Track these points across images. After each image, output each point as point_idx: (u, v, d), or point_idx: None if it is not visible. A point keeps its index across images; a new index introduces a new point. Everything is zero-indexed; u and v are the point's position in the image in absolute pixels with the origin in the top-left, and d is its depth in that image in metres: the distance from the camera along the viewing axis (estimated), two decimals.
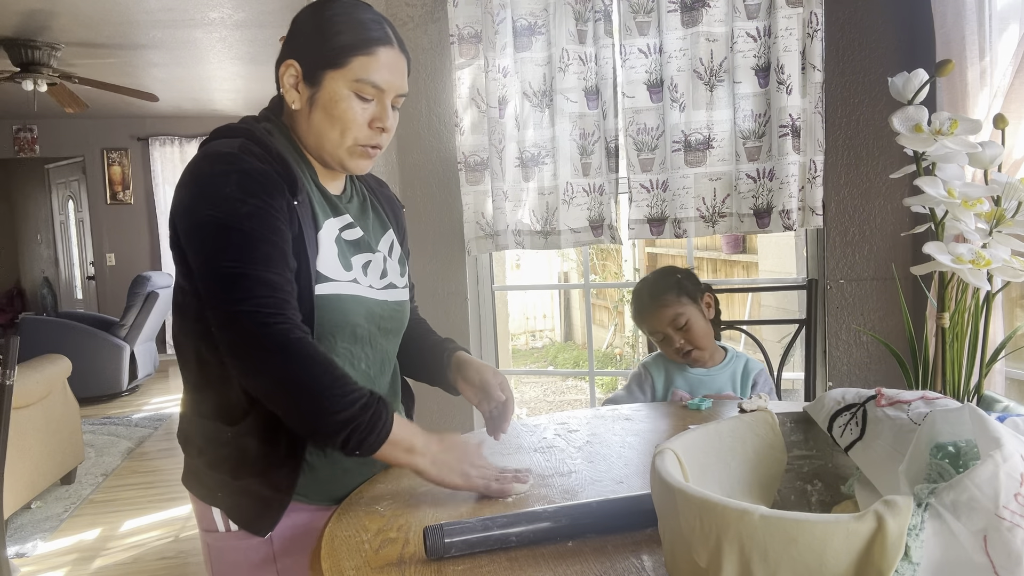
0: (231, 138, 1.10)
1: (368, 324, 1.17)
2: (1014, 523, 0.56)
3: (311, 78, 1.11)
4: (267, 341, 0.99)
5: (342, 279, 1.13)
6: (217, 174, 1.04)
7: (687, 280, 1.71)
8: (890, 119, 1.02)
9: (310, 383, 0.99)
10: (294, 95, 1.12)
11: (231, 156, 1.05)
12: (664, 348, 1.70)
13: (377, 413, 1.00)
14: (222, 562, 1.17)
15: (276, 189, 1.05)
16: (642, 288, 1.73)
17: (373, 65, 1.09)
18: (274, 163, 1.07)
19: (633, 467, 1.17)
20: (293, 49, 1.13)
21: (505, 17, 2.34)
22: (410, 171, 2.59)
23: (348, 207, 1.22)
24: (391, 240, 1.28)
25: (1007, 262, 0.97)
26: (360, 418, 0.99)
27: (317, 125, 1.12)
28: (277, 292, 1.01)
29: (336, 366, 1.02)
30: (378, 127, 1.12)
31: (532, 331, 8.90)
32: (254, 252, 1.01)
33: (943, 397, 0.83)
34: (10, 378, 1.96)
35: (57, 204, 8.27)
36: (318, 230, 1.12)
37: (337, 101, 1.10)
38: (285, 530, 1.12)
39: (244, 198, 1.02)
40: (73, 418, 3.84)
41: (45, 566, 2.98)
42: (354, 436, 0.99)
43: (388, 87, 1.11)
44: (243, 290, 1.00)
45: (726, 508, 0.60)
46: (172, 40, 4.78)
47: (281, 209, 1.05)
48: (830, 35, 2.25)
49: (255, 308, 1.00)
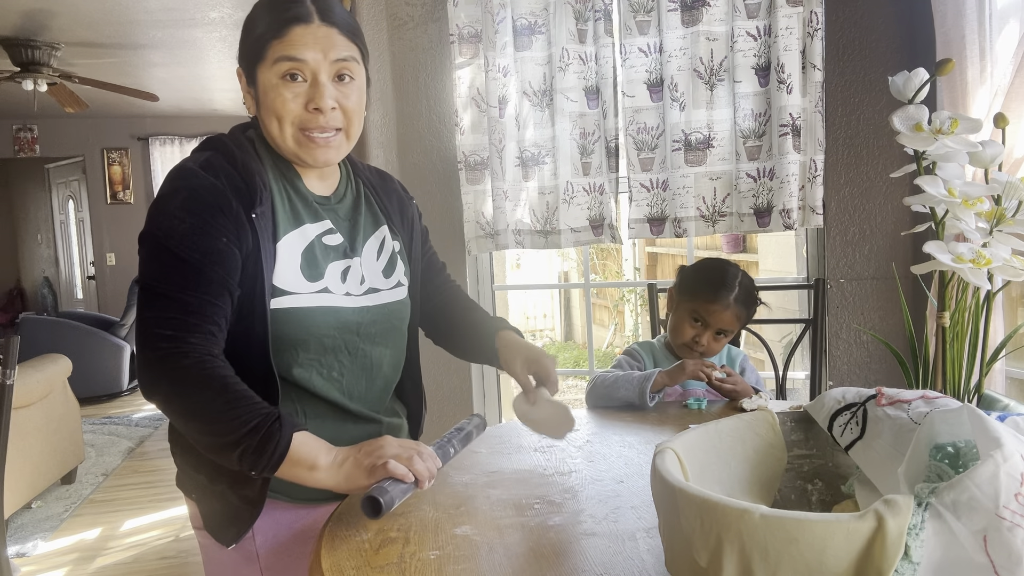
0: (203, 151, 1.12)
1: (341, 334, 1.14)
2: (1014, 523, 0.56)
3: (250, 79, 1.12)
4: (160, 363, 0.99)
5: (303, 291, 1.11)
6: (167, 191, 1.07)
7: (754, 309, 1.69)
8: (890, 118, 1.02)
9: (199, 407, 0.99)
10: (249, 101, 1.14)
11: (187, 172, 1.07)
12: (684, 327, 1.64)
13: (268, 435, 0.97)
14: (210, 560, 1.19)
15: (223, 206, 1.05)
16: (729, 278, 1.64)
17: (288, 45, 1.06)
18: (236, 177, 1.07)
19: (633, 466, 1.17)
20: (239, 56, 1.14)
21: (505, 16, 2.33)
22: (410, 171, 2.59)
23: (337, 208, 1.20)
24: (382, 237, 1.25)
25: (1007, 261, 0.97)
26: (247, 441, 0.96)
27: (264, 124, 1.12)
28: (189, 315, 1.01)
29: (230, 390, 0.99)
30: (314, 108, 1.08)
31: (532, 331, 8.90)
32: (178, 273, 1.02)
33: (943, 396, 0.83)
34: (10, 378, 1.96)
35: (57, 204, 8.27)
36: (276, 241, 1.10)
37: (267, 91, 1.09)
38: (268, 528, 1.13)
39: (184, 216, 1.03)
40: (73, 418, 3.84)
41: (45, 566, 2.98)
42: (245, 458, 0.97)
43: (312, 61, 1.07)
44: (155, 308, 1.02)
45: (726, 507, 0.60)
46: (172, 40, 4.77)
47: (225, 227, 1.04)
48: (830, 34, 2.25)
49: (159, 328, 1.00)
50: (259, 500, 1.09)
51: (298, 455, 0.98)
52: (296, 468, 0.99)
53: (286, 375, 1.11)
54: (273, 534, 1.13)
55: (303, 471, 0.99)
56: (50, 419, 3.57)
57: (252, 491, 1.09)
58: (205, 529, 1.14)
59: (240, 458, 0.97)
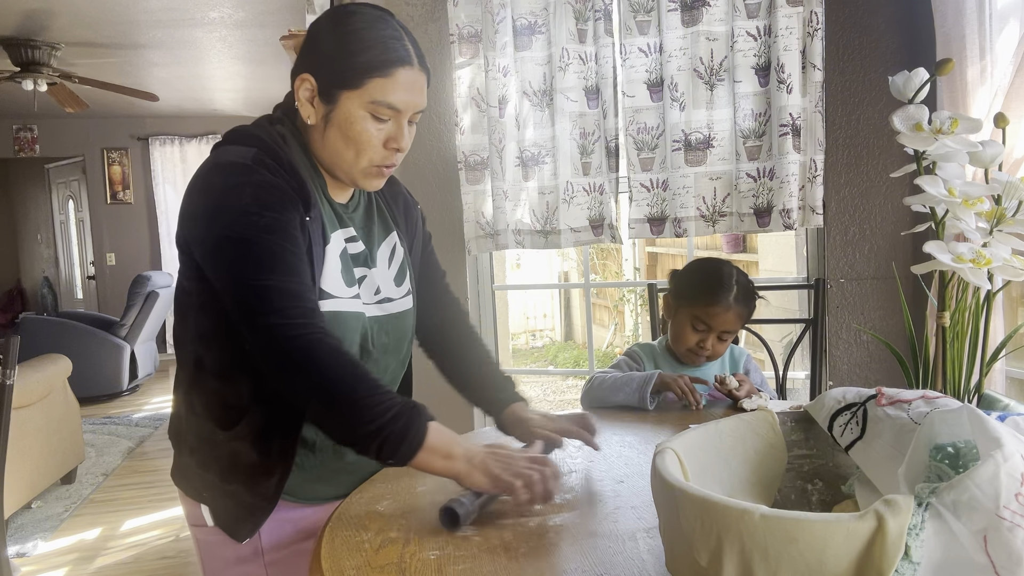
0: (245, 146, 1.08)
1: (364, 341, 1.16)
2: (1014, 523, 0.56)
3: (327, 95, 1.07)
4: (297, 353, 0.98)
5: (344, 295, 1.12)
6: (231, 186, 1.03)
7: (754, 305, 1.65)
8: (890, 118, 1.02)
9: (340, 394, 0.98)
10: (309, 110, 1.10)
11: (245, 168, 1.04)
12: (686, 333, 1.61)
13: (409, 422, 0.98)
14: (211, 556, 1.18)
15: (290, 203, 1.04)
16: (726, 278, 1.60)
17: (390, 87, 1.06)
18: (287, 177, 1.06)
19: (633, 466, 1.17)
20: (309, 62, 1.09)
21: (505, 16, 2.33)
22: (410, 171, 2.59)
23: (353, 216, 1.21)
24: (393, 244, 1.26)
25: (1007, 261, 0.97)
26: (391, 428, 0.97)
27: (332, 143, 1.10)
28: (302, 302, 1.01)
29: (369, 375, 1.00)
30: (393, 147, 1.10)
31: (532, 330, 8.90)
32: (276, 264, 1.00)
33: (944, 396, 0.83)
34: (10, 378, 1.96)
35: (57, 204, 8.27)
36: (326, 245, 1.11)
37: (352, 122, 1.07)
38: (273, 526, 1.13)
39: (260, 211, 1.01)
40: (73, 418, 3.84)
41: (46, 566, 2.98)
42: (386, 446, 0.97)
43: (405, 107, 1.08)
44: (268, 302, 0.99)
45: (727, 507, 0.60)
46: (172, 40, 4.77)
47: (295, 223, 1.04)
48: (830, 34, 2.25)
49: (282, 320, 0.99)
50: (275, 496, 1.09)
51: (435, 443, 1.00)
52: (432, 456, 1.00)
53: None
54: (278, 531, 1.14)
55: (438, 459, 1.00)
56: (50, 419, 3.57)
57: (269, 488, 1.09)
58: (217, 525, 1.13)
59: (381, 445, 0.98)
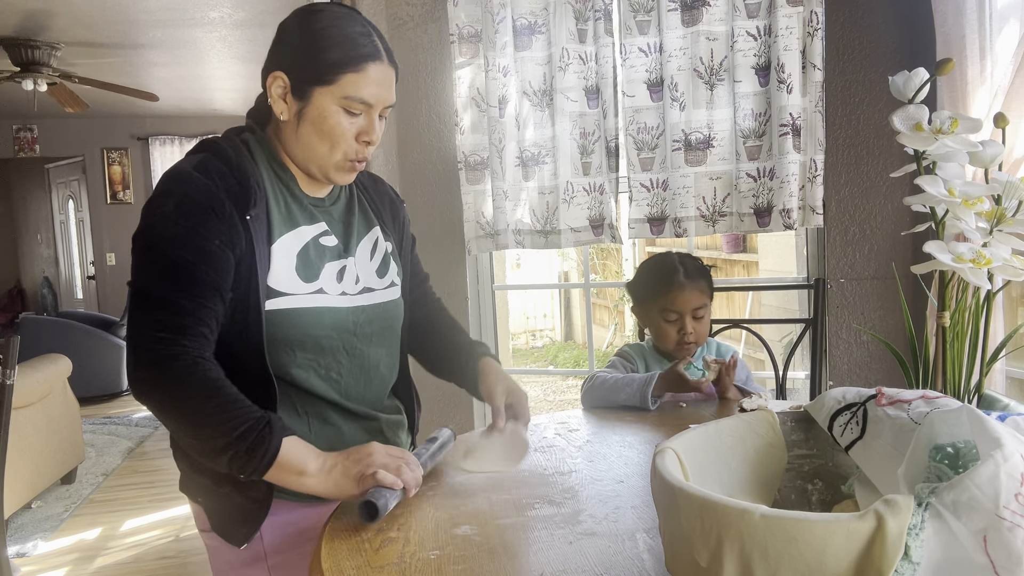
0: (198, 153, 1.12)
1: (339, 334, 1.16)
2: (1014, 523, 0.56)
3: (299, 92, 1.11)
4: (153, 364, 1.00)
5: (299, 292, 1.12)
6: (160, 193, 1.07)
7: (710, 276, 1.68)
8: (890, 118, 1.02)
9: (190, 410, 1.00)
10: (282, 106, 1.13)
11: (180, 175, 1.07)
12: (666, 331, 1.64)
13: (259, 439, 0.98)
14: (218, 560, 1.19)
15: (216, 208, 1.05)
16: (672, 262, 1.65)
17: (362, 81, 1.09)
18: (230, 178, 1.08)
19: (633, 466, 1.17)
20: (281, 60, 1.13)
21: (505, 16, 2.33)
22: (410, 171, 2.59)
23: (331, 210, 1.22)
24: (375, 238, 1.27)
25: (1007, 261, 0.97)
26: (237, 445, 0.98)
27: (306, 139, 1.13)
28: (181, 317, 1.01)
29: (225, 393, 1.00)
30: (364, 140, 1.13)
31: (532, 330, 8.90)
32: (170, 275, 1.02)
33: (944, 396, 0.83)
34: (10, 378, 1.96)
35: (57, 204, 8.27)
36: (271, 243, 1.11)
37: (326, 117, 1.10)
38: (275, 527, 1.13)
39: (176, 219, 1.04)
40: (73, 418, 3.84)
41: (46, 565, 2.98)
42: (236, 461, 0.99)
43: (376, 101, 1.12)
44: (146, 309, 1.02)
45: (727, 507, 0.60)
46: (172, 40, 4.77)
47: (217, 230, 1.05)
48: (830, 34, 2.25)
49: (152, 330, 1.00)
50: (267, 500, 1.10)
51: (287, 460, 1.00)
52: (285, 473, 1.01)
53: (284, 376, 1.12)
54: (280, 534, 1.14)
55: (292, 476, 1.01)
56: (50, 419, 3.57)
57: (259, 492, 1.09)
58: (214, 531, 1.14)
59: (230, 462, 0.99)
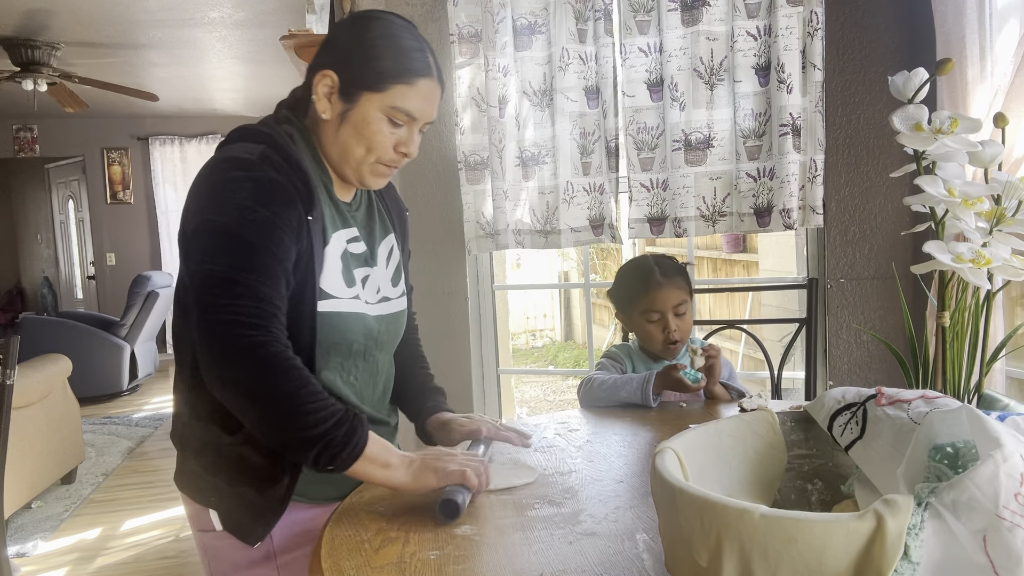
0: (253, 143, 1.09)
1: (365, 339, 1.17)
2: (1014, 523, 0.56)
3: (347, 94, 1.10)
4: (242, 351, 0.98)
5: (344, 296, 1.13)
6: (231, 179, 1.04)
7: (686, 272, 1.72)
8: (890, 118, 1.02)
9: (283, 397, 0.98)
10: (326, 105, 1.12)
11: (248, 163, 1.04)
12: (650, 332, 1.65)
13: (351, 429, 1.00)
14: (221, 560, 1.16)
15: (290, 203, 1.04)
16: (648, 263, 1.69)
17: (411, 94, 1.10)
18: (293, 175, 1.06)
19: (633, 466, 1.17)
20: (332, 60, 1.11)
21: (505, 16, 2.33)
22: (410, 171, 2.59)
23: (355, 215, 1.22)
24: (391, 246, 1.28)
25: (1007, 261, 0.97)
26: (333, 434, 0.98)
27: (344, 140, 1.12)
28: (264, 304, 1.00)
29: (312, 382, 1.01)
30: (402, 152, 1.14)
31: (532, 330, 8.90)
32: (252, 261, 1.01)
33: (943, 396, 0.83)
34: (10, 378, 1.96)
35: (57, 204, 8.27)
36: (326, 246, 1.11)
37: (369, 123, 1.10)
38: (285, 527, 1.12)
39: (254, 207, 1.02)
40: (73, 418, 3.84)
41: (46, 566, 2.98)
42: (326, 452, 0.98)
43: (420, 116, 1.12)
44: (230, 296, 0.99)
45: (726, 507, 0.60)
46: (172, 39, 4.77)
47: (290, 224, 1.04)
48: (830, 34, 2.25)
49: (237, 316, 0.98)
50: (286, 498, 1.09)
51: (373, 453, 1.02)
52: (370, 465, 1.02)
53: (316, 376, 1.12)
54: (289, 533, 1.13)
55: (376, 468, 1.02)
56: (50, 419, 3.57)
57: (279, 490, 1.09)
58: (226, 529, 1.12)
59: (321, 451, 0.98)
